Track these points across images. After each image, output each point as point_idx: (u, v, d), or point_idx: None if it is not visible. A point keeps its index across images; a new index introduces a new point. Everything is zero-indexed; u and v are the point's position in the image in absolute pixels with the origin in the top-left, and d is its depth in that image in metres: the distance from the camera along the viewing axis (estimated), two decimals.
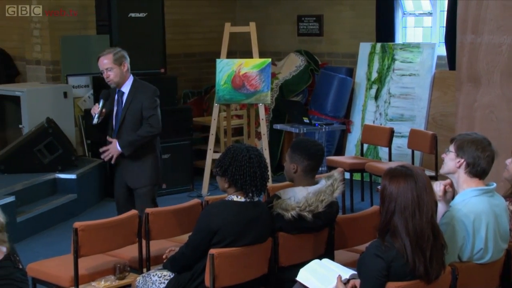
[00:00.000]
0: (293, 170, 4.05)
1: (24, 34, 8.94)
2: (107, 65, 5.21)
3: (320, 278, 3.55)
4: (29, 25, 8.78)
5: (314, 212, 3.92)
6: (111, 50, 5.27)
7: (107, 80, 5.26)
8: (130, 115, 5.25)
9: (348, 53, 9.27)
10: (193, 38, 10.04)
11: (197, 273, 3.79)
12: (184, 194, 7.93)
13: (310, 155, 4.04)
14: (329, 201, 3.97)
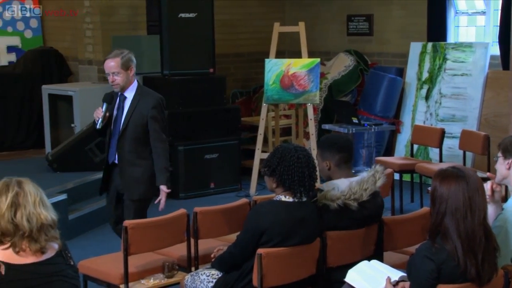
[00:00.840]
0: (327, 167, 4.03)
1: (77, 35, 9.10)
2: (113, 69, 4.86)
3: (369, 280, 3.52)
4: (81, 25, 8.93)
5: (359, 201, 3.90)
6: (118, 53, 4.94)
7: (112, 83, 4.91)
8: (133, 123, 4.87)
9: (398, 53, 9.18)
10: (242, 38, 10.07)
11: (245, 273, 3.80)
12: (232, 194, 7.95)
13: (339, 148, 4.03)
14: (373, 190, 3.95)
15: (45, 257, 2.78)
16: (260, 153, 7.95)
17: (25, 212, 2.74)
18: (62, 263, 2.84)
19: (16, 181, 2.80)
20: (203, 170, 8.01)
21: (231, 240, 3.99)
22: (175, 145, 7.87)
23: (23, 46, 9.71)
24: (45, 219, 2.77)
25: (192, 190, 7.92)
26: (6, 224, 2.71)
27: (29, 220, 2.73)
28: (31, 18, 9.84)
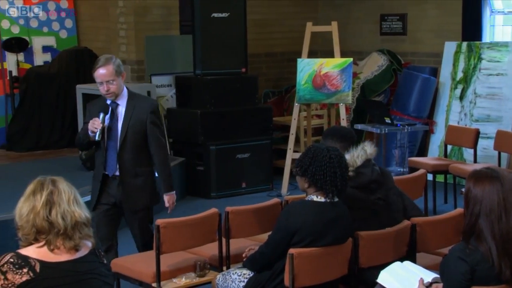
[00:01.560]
0: None
1: (111, 35, 9.18)
2: (107, 77, 4.52)
3: (401, 281, 3.50)
4: (115, 25, 9.01)
5: (354, 168, 3.97)
6: (108, 59, 4.59)
7: (106, 93, 4.56)
8: (132, 131, 4.59)
9: (432, 53, 9.11)
10: (275, 38, 10.07)
11: (276, 273, 3.80)
12: (264, 194, 7.96)
13: (341, 138, 4.13)
14: (365, 158, 4.02)
15: (79, 255, 2.81)
16: (292, 153, 7.94)
17: (59, 210, 2.76)
18: (95, 261, 2.87)
19: (51, 180, 2.84)
20: (235, 169, 8.03)
21: (263, 240, 4.00)
22: (207, 144, 7.91)
23: (58, 46, 9.83)
24: (79, 217, 2.80)
25: (224, 190, 7.95)
26: (41, 222, 2.74)
27: (63, 218, 2.76)
28: (66, 18, 9.96)
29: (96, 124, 4.50)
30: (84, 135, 4.64)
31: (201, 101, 8.06)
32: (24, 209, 2.77)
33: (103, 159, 4.62)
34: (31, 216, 2.75)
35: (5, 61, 9.47)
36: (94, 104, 4.75)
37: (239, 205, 4.60)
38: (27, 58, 9.63)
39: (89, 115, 4.67)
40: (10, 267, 2.67)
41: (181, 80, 8.43)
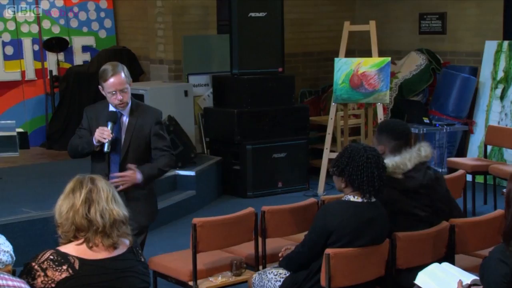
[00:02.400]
0: (381, 152, 4.00)
1: (149, 34, 9.25)
2: (121, 85, 4.24)
3: (440, 282, 3.46)
4: (153, 25, 9.08)
5: (404, 171, 3.90)
6: (117, 66, 4.33)
7: (119, 103, 4.26)
8: (135, 144, 4.32)
9: (473, 52, 9.01)
10: (312, 37, 10.05)
11: (312, 273, 3.79)
12: (300, 193, 7.95)
13: (397, 135, 4.05)
14: (418, 160, 3.95)
15: (117, 253, 2.83)
16: (329, 152, 7.92)
17: (98, 208, 2.79)
18: (133, 259, 2.89)
19: (90, 178, 2.87)
20: (271, 169, 8.03)
21: (299, 240, 3.99)
22: (243, 144, 7.92)
23: (97, 45, 9.93)
24: (117, 215, 2.82)
25: (260, 189, 7.95)
26: (81, 219, 2.77)
27: (102, 215, 2.78)
28: (105, 19, 10.06)
29: (106, 134, 4.20)
30: (86, 143, 4.30)
31: (237, 101, 8.08)
32: (64, 206, 2.81)
33: (106, 172, 4.29)
34: (70, 213, 2.78)
35: (46, 60, 9.60)
36: (93, 110, 4.44)
37: (275, 204, 4.60)
38: (67, 58, 9.75)
39: (86, 121, 4.40)
40: (50, 264, 2.71)
41: (218, 80, 8.46)
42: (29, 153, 8.54)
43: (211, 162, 8.03)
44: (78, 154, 4.42)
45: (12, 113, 9.12)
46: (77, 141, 4.40)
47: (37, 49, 9.55)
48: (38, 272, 2.70)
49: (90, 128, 4.37)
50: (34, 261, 2.73)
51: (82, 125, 4.44)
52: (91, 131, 4.34)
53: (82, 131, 4.42)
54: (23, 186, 7.12)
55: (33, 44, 9.53)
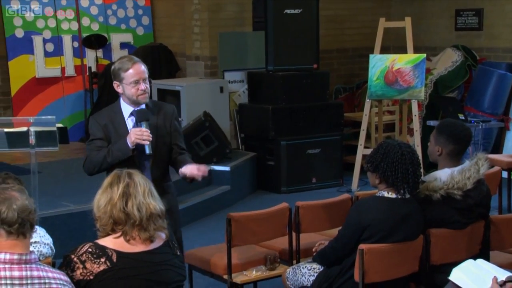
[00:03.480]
0: (437, 152, 3.95)
1: (185, 31, 9.30)
2: (145, 74, 3.95)
3: (474, 279, 3.43)
4: (190, 22, 9.12)
5: (463, 190, 3.80)
6: (133, 57, 4.08)
7: (142, 93, 3.92)
8: (161, 143, 3.99)
9: (509, 48, 8.89)
10: (347, 34, 10.00)
11: (346, 268, 3.78)
12: (334, 189, 7.93)
13: (457, 140, 3.94)
14: (477, 178, 3.85)
15: (153, 246, 2.85)
16: (363, 148, 7.88)
17: (135, 201, 2.82)
18: (169, 253, 2.91)
19: (127, 173, 2.89)
20: (305, 164, 8.02)
21: (333, 235, 3.98)
22: (277, 139, 7.93)
23: (135, 42, 10.01)
24: (153, 208, 2.84)
25: (294, 185, 7.95)
26: (118, 213, 2.80)
27: (139, 209, 2.81)
28: (143, 16, 10.13)
29: (146, 135, 3.83)
30: (119, 151, 3.85)
31: (272, 97, 8.08)
32: (102, 200, 2.84)
33: None
34: (108, 207, 2.81)
35: (85, 57, 9.71)
36: (104, 116, 4.01)
37: (309, 200, 4.60)
38: (105, 54, 9.85)
39: (100, 129, 3.94)
40: (89, 257, 2.74)
41: (253, 76, 8.47)
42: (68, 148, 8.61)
43: (246, 157, 8.04)
44: (103, 167, 3.88)
45: (52, 108, 9.23)
46: (100, 154, 3.89)
47: (77, 46, 9.66)
48: (77, 264, 2.73)
49: (107, 135, 3.93)
50: (73, 253, 2.76)
51: (95, 135, 3.95)
52: (109, 139, 3.93)
53: (96, 142, 3.93)
54: (62, 180, 7.22)
55: (73, 41, 9.64)
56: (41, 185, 6.48)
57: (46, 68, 9.44)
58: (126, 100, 3.98)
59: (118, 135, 3.92)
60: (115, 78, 3.97)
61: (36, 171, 5.53)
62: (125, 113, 3.99)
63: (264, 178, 8.11)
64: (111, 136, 3.94)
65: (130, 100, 3.96)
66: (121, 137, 3.90)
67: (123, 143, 3.86)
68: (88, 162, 3.96)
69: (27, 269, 2.51)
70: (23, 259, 2.51)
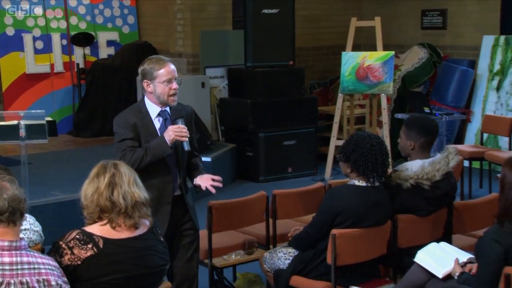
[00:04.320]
0: (410, 147, 3.96)
1: (169, 30, 9.25)
2: (176, 74, 3.72)
3: (438, 261, 3.46)
4: (173, 21, 9.08)
5: (432, 181, 3.82)
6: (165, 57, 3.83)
7: (174, 93, 3.67)
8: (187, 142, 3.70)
9: (471, 46, 8.95)
10: (321, 33, 10.01)
11: (319, 251, 3.79)
12: (308, 178, 7.95)
13: (427, 132, 3.95)
14: (446, 171, 3.87)
15: (138, 233, 2.84)
16: (336, 140, 7.90)
17: (121, 190, 2.80)
18: (153, 239, 2.90)
19: (113, 163, 2.87)
20: (282, 155, 8.03)
21: (307, 221, 3.99)
22: (256, 132, 7.93)
23: (121, 40, 9.94)
24: (138, 197, 2.82)
25: (271, 174, 7.96)
26: (105, 201, 2.78)
27: (124, 198, 2.79)
28: (129, 15, 10.06)
29: (185, 132, 3.60)
30: (158, 149, 3.58)
31: (251, 92, 8.07)
32: (89, 190, 2.81)
33: (168, 178, 3.69)
34: (95, 196, 2.79)
35: (73, 54, 9.63)
36: (130, 116, 3.70)
37: (285, 188, 4.60)
38: (93, 52, 9.78)
39: (131, 128, 3.65)
40: (76, 243, 2.72)
41: (233, 72, 8.45)
42: (57, 140, 8.57)
43: (226, 149, 8.03)
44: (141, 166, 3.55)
45: (42, 103, 9.16)
46: (136, 154, 3.59)
47: (65, 43, 9.58)
48: (65, 250, 2.71)
49: (137, 135, 3.65)
50: (61, 240, 2.74)
51: (125, 135, 3.64)
52: (139, 138, 3.65)
53: (127, 142, 3.63)
54: (52, 171, 7.16)
55: (62, 39, 9.56)
56: (32, 176, 6.43)
57: (36, 64, 9.35)
58: (154, 100, 3.68)
59: (149, 135, 3.63)
60: (146, 77, 3.68)
61: (26, 162, 5.49)
62: (152, 114, 3.69)
63: (243, 168, 8.11)
64: (141, 135, 3.64)
65: (159, 100, 3.67)
66: (151, 137, 3.62)
67: (162, 141, 3.58)
68: (131, 162, 3.52)
69: (17, 255, 2.49)
70: (13, 245, 2.49)
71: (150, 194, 2.87)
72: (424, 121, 4.03)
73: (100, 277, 2.71)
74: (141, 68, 3.74)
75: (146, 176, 3.44)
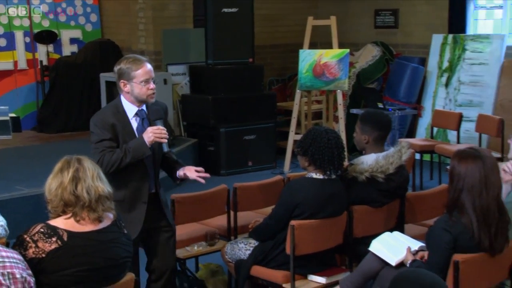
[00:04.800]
0: (364, 141, 4.00)
1: (131, 28, 9.16)
2: (153, 74, 3.58)
3: (391, 249, 3.50)
4: (135, 20, 8.99)
5: (386, 174, 3.87)
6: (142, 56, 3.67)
7: (151, 93, 3.54)
8: (159, 144, 3.59)
9: (421, 44, 9.06)
10: (280, 31, 10.03)
11: (279, 242, 3.80)
12: (268, 171, 7.96)
13: (381, 126, 3.99)
14: (398, 164, 3.91)
15: (102, 226, 2.81)
16: (294, 134, 7.93)
17: (84, 185, 2.77)
18: (117, 232, 2.87)
19: (76, 158, 2.84)
20: (242, 149, 8.03)
21: (267, 213, 4.00)
22: (217, 127, 7.91)
23: (84, 38, 9.80)
24: (102, 191, 2.80)
25: (232, 168, 7.95)
26: (69, 195, 2.75)
27: (88, 192, 2.76)
28: (91, 13, 9.92)
29: (164, 133, 3.50)
30: (136, 151, 3.46)
31: (212, 88, 8.04)
32: (53, 184, 2.78)
33: (145, 177, 3.61)
34: (59, 190, 2.76)
35: (37, 51, 9.46)
36: (108, 116, 3.54)
37: (246, 181, 4.60)
38: (56, 49, 9.62)
39: (109, 128, 3.51)
40: (41, 236, 2.69)
41: (194, 69, 8.41)
42: (21, 136, 8.44)
43: (188, 143, 7.99)
44: (120, 167, 3.47)
45: (6, 99, 8.98)
46: (115, 155, 3.47)
47: (29, 41, 9.40)
48: (29, 244, 2.67)
49: (116, 135, 3.52)
50: (26, 233, 2.70)
51: (103, 136, 3.50)
52: (117, 139, 3.53)
53: (105, 142, 3.50)
54: (16, 166, 7.03)
55: (25, 36, 9.39)
56: None
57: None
58: (130, 99, 3.56)
59: (126, 135, 3.52)
60: (123, 77, 3.54)
61: None
62: (129, 113, 3.57)
63: (205, 162, 8.04)
64: (119, 136, 3.52)
65: (136, 99, 3.55)
66: (129, 137, 3.51)
67: (141, 142, 3.46)
68: (103, 163, 3.42)
69: None
70: None
71: (125, 193, 2.82)
72: (378, 116, 4.07)
73: (65, 270, 2.68)
74: (117, 68, 3.60)
75: (124, 176, 3.50)
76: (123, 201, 3.51)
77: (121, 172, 3.45)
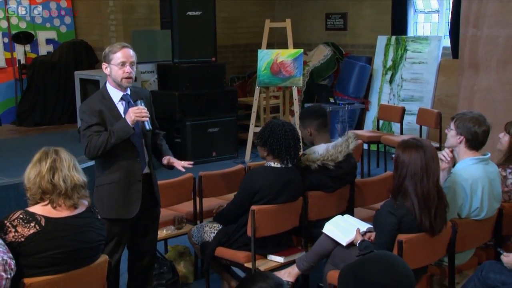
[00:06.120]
0: (308, 133, 4.02)
1: (103, 30, 9.02)
2: (132, 58, 3.43)
3: (342, 230, 3.53)
4: (106, 22, 8.85)
5: (335, 161, 3.90)
6: (125, 44, 3.51)
7: (127, 76, 3.39)
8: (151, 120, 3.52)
9: (368, 45, 9.14)
10: (240, 32, 10.00)
11: (241, 225, 3.80)
12: (230, 161, 7.94)
13: (317, 115, 4.01)
14: (346, 152, 3.95)
15: (77, 212, 2.78)
16: (254, 127, 7.93)
17: (61, 174, 2.74)
18: (91, 217, 2.84)
19: (54, 150, 2.80)
20: (207, 141, 7.99)
21: (230, 199, 3.99)
22: (183, 121, 7.85)
23: (59, 38, 9.62)
24: (77, 180, 2.77)
25: (198, 158, 7.89)
26: (46, 184, 2.71)
27: (64, 181, 2.73)
28: (65, 16, 9.74)
29: (144, 112, 3.36)
30: (121, 132, 3.32)
31: (178, 85, 7.98)
32: (32, 173, 2.74)
33: (135, 157, 3.45)
34: (37, 179, 2.72)
35: (15, 51, 9.26)
36: (96, 102, 3.41)
37: (210, 170, 4.58)
38: (33, 49, 9.42)
39: (96, 114, 3.37)
40: (20, 222, 2.65)
41: (162, 67, 8.33)
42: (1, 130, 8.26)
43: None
44: (107, 149, 3.33)
45: None
46: (101, 137, 3.32)
47: (7, 41, 9.19)
48: (9, 229, 2.62)
49: (103, 120, 3.38)
50: (6, 219, 2.66)
51: (91, 121, 3.36)
52: (105, 123, 3.38)
53: (94, 127, 3.35)
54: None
55: (3, 37, 9.19)
56: None
57: None
58: (113, 84, 3.42)
59: (114, 119, 3.38)
60: (104, 60, 3.43)
61: None
62: (115, 98, 3.43)
63: (172, 153, 7.97)
64: (107, 121, 3.37)
65: (115, 83, 3.41)
66: (116, 121, 3.37)
67: (124, 123, 3.33)
68: (91, 147, 3.33)
69: None
70: None
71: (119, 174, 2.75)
72: (311, 108, 4.15)
73: (43, 252, 2.65)
74: (103, 52, 3.49)
75: (115, 158, 3.38)
76: (119, 182, 3.41)
77: (112, 154, 3.34)
